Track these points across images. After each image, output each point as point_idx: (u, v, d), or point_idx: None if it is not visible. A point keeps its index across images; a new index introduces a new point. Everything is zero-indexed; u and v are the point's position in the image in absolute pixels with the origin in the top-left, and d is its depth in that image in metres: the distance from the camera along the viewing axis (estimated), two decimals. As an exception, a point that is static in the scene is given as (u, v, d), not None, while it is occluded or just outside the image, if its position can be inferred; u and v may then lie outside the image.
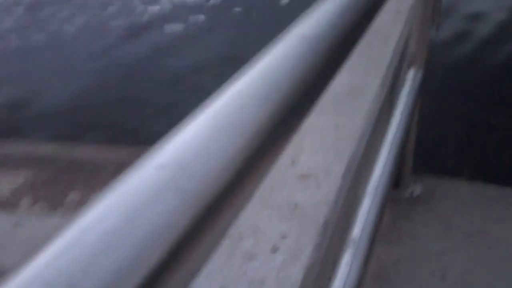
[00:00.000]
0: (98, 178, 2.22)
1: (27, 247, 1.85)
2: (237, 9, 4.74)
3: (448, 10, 4.07)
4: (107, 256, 0.22)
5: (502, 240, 1.76)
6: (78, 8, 5.13)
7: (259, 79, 0.37)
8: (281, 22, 1.07)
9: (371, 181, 1.32)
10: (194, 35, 4.32)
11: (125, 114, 3.33)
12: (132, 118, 3.28)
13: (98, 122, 3.28)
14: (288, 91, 0.39)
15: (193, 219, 0.24)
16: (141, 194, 0.24)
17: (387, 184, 1.31)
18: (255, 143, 0.32)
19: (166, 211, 0.24)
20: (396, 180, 1.98)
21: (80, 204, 2.09)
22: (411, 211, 1.92)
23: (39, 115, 3.40)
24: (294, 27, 0.47)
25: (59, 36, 4.67)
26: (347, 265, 1.04)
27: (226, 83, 0.34)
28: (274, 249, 1.08)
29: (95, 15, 4.97)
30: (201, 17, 4.62)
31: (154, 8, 4.96)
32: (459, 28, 3.89)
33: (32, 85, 3.82)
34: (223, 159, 0.29)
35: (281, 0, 4.77)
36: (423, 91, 1.83)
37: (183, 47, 4.16)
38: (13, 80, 3.97)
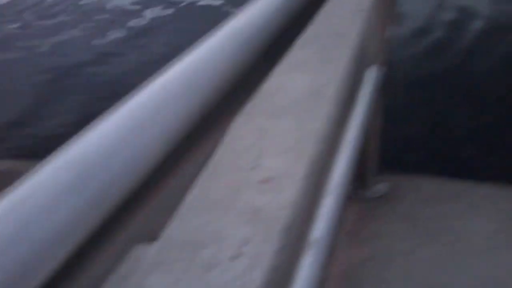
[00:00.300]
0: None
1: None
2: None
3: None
4: (5, 258, 0.20)
5: (465, 235, 1.78)
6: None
7: (177, 80, 0.36)
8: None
9: (332, 181, 1.32)
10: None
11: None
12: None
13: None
14: (207, 93, 0.38)
15: (97, 220, 0.23)
16: (43, 196, 0.23)
17: (348, 184, 1.31)
18: (166, 145, 0.31)
19: (70, 212, 0.23)
20: (361, 180, 1.99)
21: None
22: (377, 210, 1.93)
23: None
24: (225, 24, 0.46)
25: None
26: (309, 266, 1.04)
27: (141, 84, 0.33)
28: (236, 256, 1.06)
29: None
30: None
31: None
32: (418, 25, 3.97)
33: None
34: (131, 160, 0.27)
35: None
36: (385, 90, 1.85)
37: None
38: None
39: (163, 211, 1.20)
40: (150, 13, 4.93)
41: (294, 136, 1.50)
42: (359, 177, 1.98)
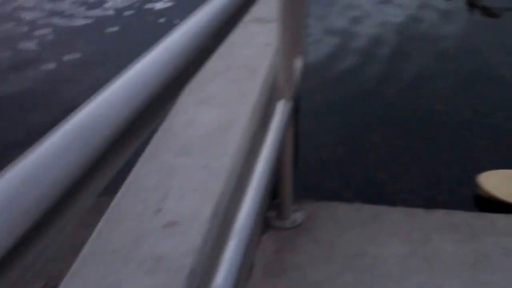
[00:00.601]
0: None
1: None
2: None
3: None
4: None
5: (379, 260, 1.81)
6: None
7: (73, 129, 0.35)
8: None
9: (240, 219, 1.29)
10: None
11: None
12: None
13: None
14: (108, 131, 0.37)
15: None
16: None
17: (257, 220, 1.29)
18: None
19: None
20: (278, 210, 1.99)
21: None
22: (294, 240, 1.93)
23: None
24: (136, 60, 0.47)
25: None
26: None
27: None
28: (136, 309, 1.01)
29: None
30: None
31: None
32: (331, 49, 4.09)
33: None
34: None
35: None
36: (295, 120, 1.87)
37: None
38: None
39: (59, 263, 1.13)
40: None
41: (201, 174, 1.47)
42: (276, 207, 1.98)
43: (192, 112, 1.67)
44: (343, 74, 3.72)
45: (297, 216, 2.01)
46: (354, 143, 2.98)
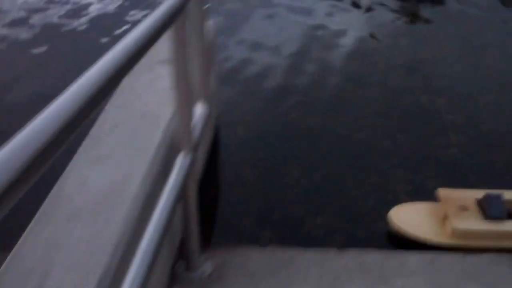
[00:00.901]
0: None
1: None
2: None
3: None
4: None
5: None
6: None
7: None
8: None
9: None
10: None
11: None
12: None
13: None
14: None
15: None
16: None
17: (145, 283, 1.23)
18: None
19: None
20: (186, 262, 1.94)
21: None
22: (204, 292, 1.89)
23: None
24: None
25: None
26: None
27: None
28: None
29: None
30: None
31: None
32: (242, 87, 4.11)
33: None
34: None
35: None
36: (195, 172, 1.83)
37: None
38: None
39: None
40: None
41: (89, 243, 1.41)
42: (184, 259, 1.93)
43: (85, 172, 1.60)
44: (263, 106, 3.74)
45: (207, 266, 1.97)
46: (274, 178, 2.99)
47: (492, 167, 3.12)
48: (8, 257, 1.32)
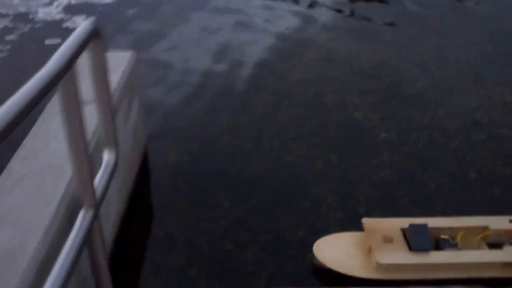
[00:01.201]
0: None
1: None
2: None
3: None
4: None
5: None
6: None
7: None
8: None
9: None
10: None
11: None
12: None
13: None
14: None
15: None
16: None
17: None
18: None
19: None
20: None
21: None
22: None
23: None
24: None
25: None
26: None
27: None
28: None
29: None
30: None
31: None
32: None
33: None
34: None
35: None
36: (100, 229, 1.67)
37: None
38: None
39: None
40: None
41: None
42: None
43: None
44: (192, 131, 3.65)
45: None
46: (204, 210, 2.91)
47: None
48: None
